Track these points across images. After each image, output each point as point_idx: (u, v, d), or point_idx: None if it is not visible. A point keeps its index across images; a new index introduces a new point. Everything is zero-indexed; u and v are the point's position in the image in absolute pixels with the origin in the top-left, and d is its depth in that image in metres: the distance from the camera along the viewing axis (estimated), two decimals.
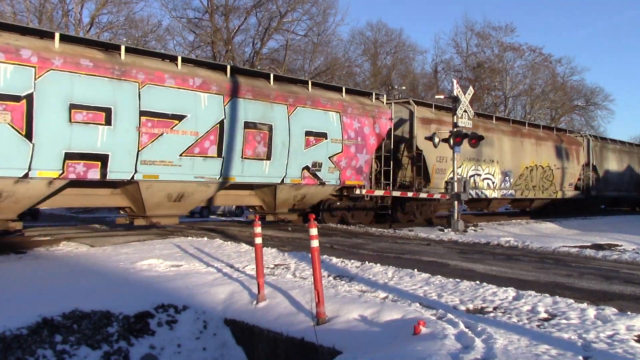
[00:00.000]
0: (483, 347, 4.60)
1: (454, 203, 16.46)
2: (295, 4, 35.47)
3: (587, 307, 5.73)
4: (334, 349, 5.28)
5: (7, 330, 5.77)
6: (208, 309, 6.90)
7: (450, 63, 49.67)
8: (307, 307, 6.17)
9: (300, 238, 12.89)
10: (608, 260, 10.17)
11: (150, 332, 6.55)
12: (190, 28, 35.20)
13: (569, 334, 4.90)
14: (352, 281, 7.51)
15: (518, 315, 5.64)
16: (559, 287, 7.29)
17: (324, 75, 36.61)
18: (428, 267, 8.74)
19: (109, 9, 30.69)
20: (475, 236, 14.35)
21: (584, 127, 50.19)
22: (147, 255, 9.65)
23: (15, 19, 25.97)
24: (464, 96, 17.01)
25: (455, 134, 16.47)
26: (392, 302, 6.26)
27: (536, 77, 49.14)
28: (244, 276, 7.94)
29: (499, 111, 44.36)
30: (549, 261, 9.92)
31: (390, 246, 11.89)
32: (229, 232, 14.18)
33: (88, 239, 11.91)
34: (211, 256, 9.71)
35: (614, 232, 15.91)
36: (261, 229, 7.18)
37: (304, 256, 9.26)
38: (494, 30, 46.81)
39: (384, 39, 47.44)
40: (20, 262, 9.38)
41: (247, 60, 35.15)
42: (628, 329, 4.99)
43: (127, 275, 8.16)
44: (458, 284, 7.11)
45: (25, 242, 11.34)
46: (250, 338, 6.43)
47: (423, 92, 45.89)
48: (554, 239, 13.85)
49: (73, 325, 6.17)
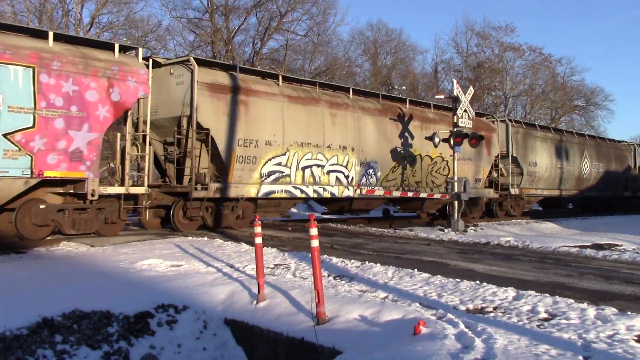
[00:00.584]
0: (483, 347, 4.60)
1: (453, 203, 16.45)
2: (295, 4, 35.50)
3: (587, 307, 5.73)
4: (334, 349, 5.28)
5: (7, 330, 5.78)
6: (208, 309, 6.90)
7: (450, 63, 49.75)
8: (307, 307, 6.17)
9: (301, 238, 12.89)
10: (608, 260, 10.17)
11: (150, 332, 6.55)
12: (190, 28, 35.23)
13: (569, 334, 4.91)
14: (352, 281, 7.51)
15: (518, 315, 5.64)
16: (559, 287, 7.29)
17: (324, 75, 36.61)
18: (428, 267, 8.74)
19: (109, 9, 30.69)
20: (475, 236, 14.35)
21: (584, 127, 50.27)
22: (147, 255, 9.65)
23: (15, 19, 25.97)
24: (464, 96, 17.01)
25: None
26: (392, 302, 6.26)
27: (536, 77, 49.17)
28: (244, 276, 7.94)
29: (499, 111, 44.37)
30: (549, 261, 9.91)
31: (390, 246, 11.89)
32: (229, 232, 14.17)
33: (88, 239, 11.90)
34: (211, 256, 9.71)
35: (614, 232, 15.91)
36: (262, 229, 7.19)
37: (304, 256, 9.26)
38: (494, 30, 46.88)
39: (384, 39, 47.49)
40: (20, 262, 9.38)
41: (247, 60, 35.15)
42: (628, 329, 4.99)
43: (127, 275, 8.15)
44: (458, 283, 7.12)
45: (25, 242, 11.34)
46: (250, 338, 6.44)
47: (423, 92, 45.90)
48: (554, 239, 13.85)
49: (73, 325, 6.17)
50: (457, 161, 17.24)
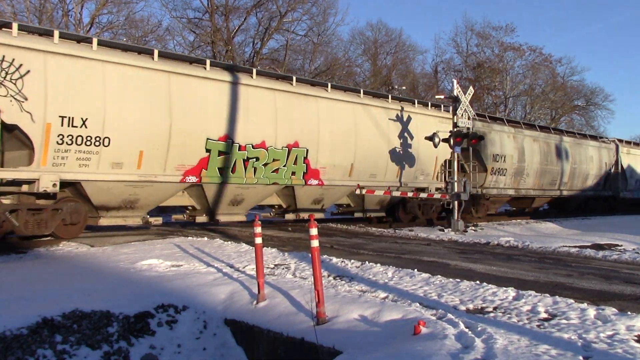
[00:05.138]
0: (483, 347, 4.60)
1: (453, 203, 16.45)
2: (295, 4, 35.50)
3: (587, 307, 5.72)
4: (334, 349, 5.27)
5: (7, 330, 5.77)
6: (208, 309, 6.90)
7: (450, 63, 49.74)
8: (307, 307, 6.17)
9: (301, 238, 12.89)
10: (608, 260, 10.17)
11: (150, 332, 6.55)
12: (190, 28, 35.22)
13: (569, 334, 4.90)
14: (352, 281, 7.51)
15: (518, 315, 5.64)
16: (559, 287, 7.29)
17: (324, 75, 36.61)
18: (428, 267, 8.74)
19: (109, 9, 30.71)
20: (475, 236, 14.36)
21: (584, 127, 50.25)
22: (147, 255, 9.65)
23: (15, 19, 25.98)
24: (464, 96, 17.02)
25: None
26: (392, 302, 6.26)
27: (536, 77, 49.17)
28: (244, 276, 7.94)
29: (499, 111, 44.39)
30: (549, 261, 9.92)
31: (390, 246, 11.89)
32: (229, 232, 14.18)
33: (88, 239, 11.90)
34: (211, 256, 9.71)
35: (614, 232, 15.90)
36: (261, 229, 7.19)
37: (304, 256, 9.26)
38: (494, 30, 46.87)
39: (384, 39, 47.48)
40: (21, 262, 9.38)
41: (247, 60, 35.16)
42: (628, 329, 4.99)
43: (127, 275, 8.15)
44: (458, 284, 7.12)
45: (25, 242, 11.34)
46: (250, 338, 6.43)
47: (423, 92, 45.90)
48: (554, 239, 13.85)
49: (73, 325, 6.17)
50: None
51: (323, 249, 8.96)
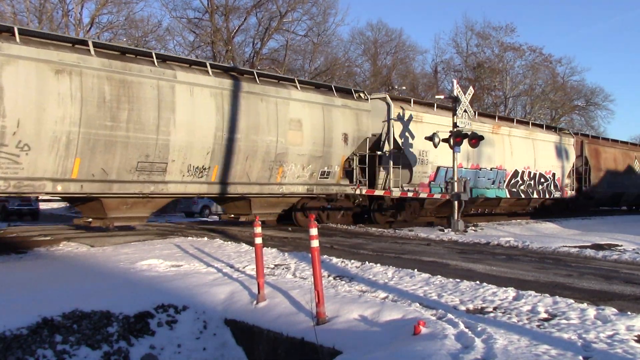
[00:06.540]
0: (483, 347, 4.60)
1: (453, 203, 16.43)
2: (295, 4, 35.52)
3: (587, 307, 5.72)
4: (334, 349, 5.28)
5: (7, 330, 5.78)
6: (208, 309, 6.90)
7: (450, 63, 49.79)
8: (307, 307, 6.17)
9: (301, 238, 12.89)
10: (608, 261, 10.16)
11: (150, 332, 6.55)
12: (190, 28, 35.27)
13: (569, 334, 4.90)
14: (352, 281, 7.51)
15: (518, 316, 5.63)
16: (559, 287, 7.29)
17: (324, 75, 36.62)
18: (428, 267, 8.73)
19: (109, 9, 30.77)
20: (475, 236, 14.34)
21: (584, 127, 50.26)
22: (147, 255, 9.65)
23: (15, 19, 25.97)
24: (464, 96, 17.00)
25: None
26: (392, 302, 6.26)
27: (536, 77, 49.20)
28: (244, 276, 7.94)
29: (499, 111, 44.37)
30: (549, 261, 9.91)
31: (390, 246, 11.88)
32: (229, 232, 14.17)
33: (88, 239, 11.90)
34: (211, 256, 9.70)
35: (614, 232, 15.88)
36: (261, 229, 7.19)
37: (304, 256, 9.26)
38: (494, 30, 46.93)
39: (384, 39, 47.55)
40: (21, 262, 9.38)
41: (247, 61, 35.16)
42: (628, 329, 4.99)
43: (127, 276, 8.15)
44: (458, 284, 7.11)
45: (25, 242, 11.34)
46: (250, 338, 6.43)
47: (423, 92, 45.91)
48: (554, 239, 13.83)
49: (73, 325, 6.17)
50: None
51: (323, 249, 8.95)
